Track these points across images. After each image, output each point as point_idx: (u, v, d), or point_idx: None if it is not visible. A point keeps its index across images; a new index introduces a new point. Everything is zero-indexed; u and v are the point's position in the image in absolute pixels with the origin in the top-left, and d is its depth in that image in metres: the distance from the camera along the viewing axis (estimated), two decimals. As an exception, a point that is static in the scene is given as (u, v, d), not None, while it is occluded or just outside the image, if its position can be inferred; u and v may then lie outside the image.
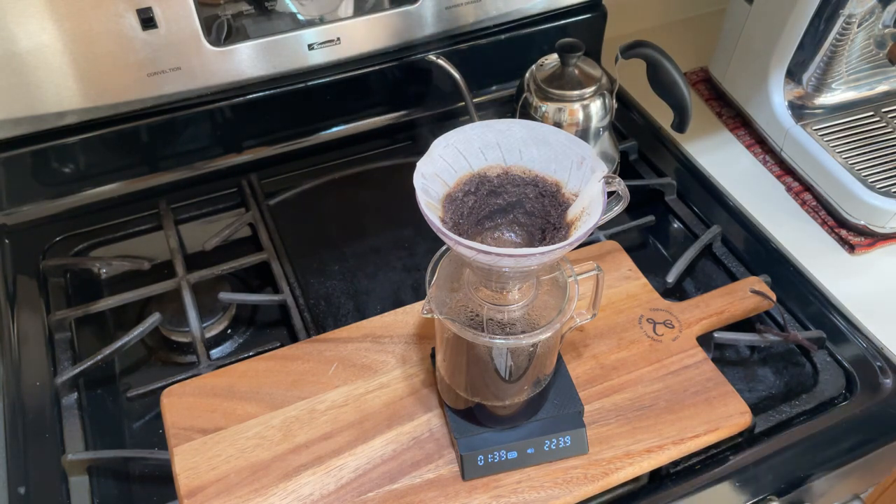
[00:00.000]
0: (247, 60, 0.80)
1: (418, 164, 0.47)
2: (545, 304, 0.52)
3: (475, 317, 0.51)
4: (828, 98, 0.92)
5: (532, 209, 0.50)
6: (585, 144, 0.48)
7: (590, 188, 0.47)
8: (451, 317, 0.51)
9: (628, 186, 0.46)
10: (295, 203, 0.87)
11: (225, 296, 0.73)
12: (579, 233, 0.44)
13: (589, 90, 0.78)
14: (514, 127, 0.49)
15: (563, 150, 0.48)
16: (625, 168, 0.90)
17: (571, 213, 0.48)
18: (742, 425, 0.62)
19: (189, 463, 0.58)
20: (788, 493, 0.62)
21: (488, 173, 0.49)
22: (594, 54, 1.01)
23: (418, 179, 0.46)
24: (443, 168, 0.48)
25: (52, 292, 0.77)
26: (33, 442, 0.64)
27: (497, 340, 0.50)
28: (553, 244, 0.44)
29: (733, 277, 0.78)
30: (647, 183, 0.87)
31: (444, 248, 0.54)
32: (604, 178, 0.46)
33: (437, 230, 0.44)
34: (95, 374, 0.70)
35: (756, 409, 0.65)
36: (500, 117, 0.61)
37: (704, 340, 0.69)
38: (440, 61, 0.81)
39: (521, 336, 0.50)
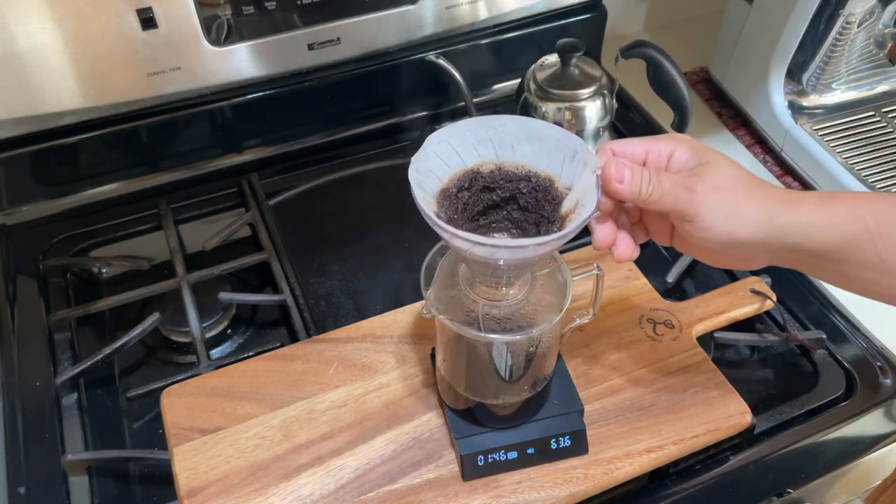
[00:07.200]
0: (247, 60, 0.80)
1: (413, 159, 0.47)
2: (540, 300, 0.52)
3: (471, 313, 0.51)
4: (828, 98, 0.93)
5: (526, 204, 0.50)
6: (577, 138, 0.48)
7: (583, 181, 0.47)
8: (448, 315, 0.51)
9: (629, 187, 0.46)
10: (295, 203, 0.87)
11: (225, 296, 0.73)
12: (573, 225, 0.45)
13: (589, 90, 0.78)
14: (506, 122, 0.49)
15: (555, 144, 0.48)
16: (625, 168, 0.90)
17: (565, 207, 0.48)
18: (742, 425, 0.62)
19: (189, 463, 0.58)
20: (788, 493, 0.62)
21: (481, 169, 0.49)
22: (594, 54, 1.01)
23: (413, 174, 0.46)
24: (437, 164, 0.48)
25: (52, 292, 0.76)
26: (33, 442, 0.64)
27: (493, 336, 0.50)
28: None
29: (733, 277, 0.78)
30: (647, 183, 0.87)
31: (435, 247, 0.54)
32: (596, 170, 0.46)
33: (432, 223, 0.44)
34: (95, 374, 0.70)
35: (756, 409, 0.65)
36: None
37: (704, 340, 0.69)
38: (440, 61, 0.81)
39: (517, 331, 0.50)
